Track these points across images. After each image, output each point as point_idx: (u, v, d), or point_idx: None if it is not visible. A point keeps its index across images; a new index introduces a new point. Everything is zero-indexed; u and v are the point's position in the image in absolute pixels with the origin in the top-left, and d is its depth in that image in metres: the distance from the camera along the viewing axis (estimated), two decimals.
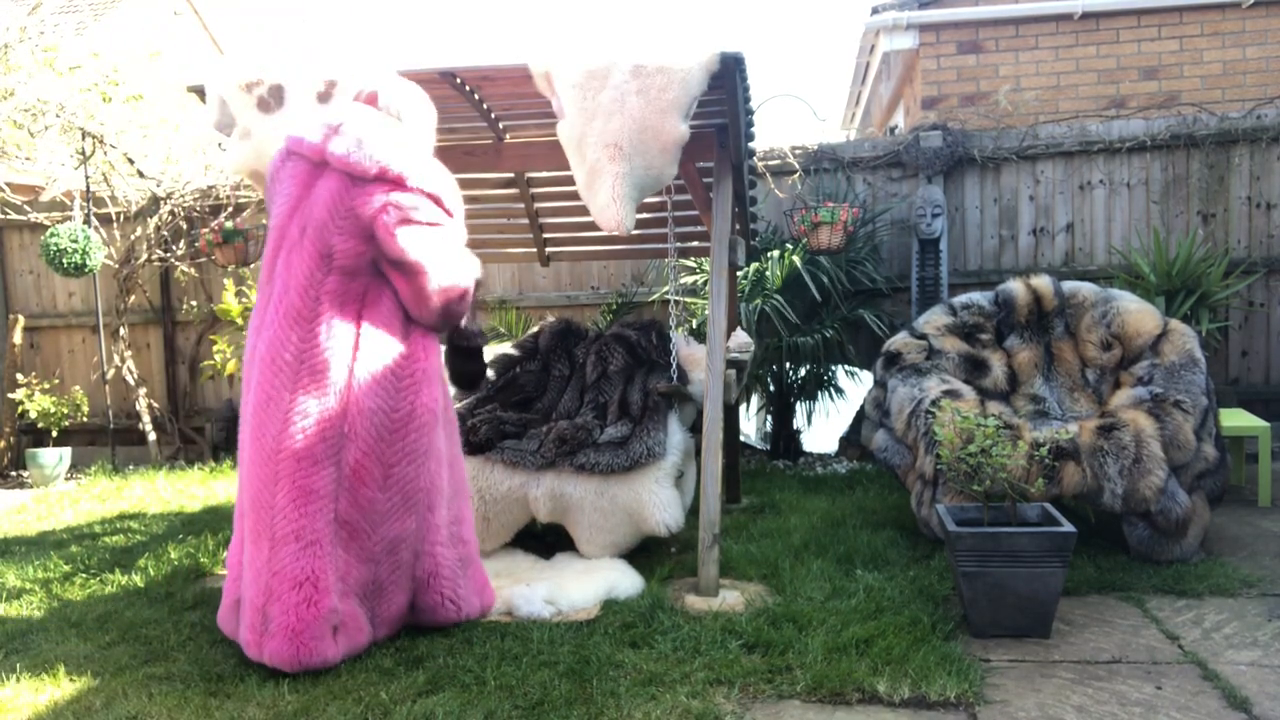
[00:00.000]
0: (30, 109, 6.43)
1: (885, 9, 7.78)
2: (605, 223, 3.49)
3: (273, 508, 2.81)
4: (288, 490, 2.80)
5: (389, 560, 2.99)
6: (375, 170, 2.91)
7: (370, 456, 2.89)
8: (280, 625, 2.78)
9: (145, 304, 7.33)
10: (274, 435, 2.82)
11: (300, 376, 2.84)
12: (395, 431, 2.94)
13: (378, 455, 2.91)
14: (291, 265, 2.94)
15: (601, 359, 4.55)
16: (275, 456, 2.82)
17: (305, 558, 2.79)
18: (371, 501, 2.92)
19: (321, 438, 2.83)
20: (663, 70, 3.41)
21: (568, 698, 2.62)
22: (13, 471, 7.23)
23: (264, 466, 2.83)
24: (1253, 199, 6.14)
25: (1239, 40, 7.43)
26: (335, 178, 2.95)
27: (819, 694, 2.63)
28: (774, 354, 5.95)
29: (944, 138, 6.22)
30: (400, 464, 2.96)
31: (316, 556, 2.80)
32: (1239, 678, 2.66)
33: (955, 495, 3.68)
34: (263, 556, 2.82)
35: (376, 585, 2.99)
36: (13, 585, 3.99)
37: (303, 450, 2.81)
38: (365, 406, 2.89)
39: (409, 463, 2.98)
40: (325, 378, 2.85)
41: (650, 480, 3.82)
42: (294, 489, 2.80)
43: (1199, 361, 3.94)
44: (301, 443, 2.81)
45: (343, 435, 2.86)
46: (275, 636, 2.79)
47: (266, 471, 2.82)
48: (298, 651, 2.78)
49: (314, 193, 2.98)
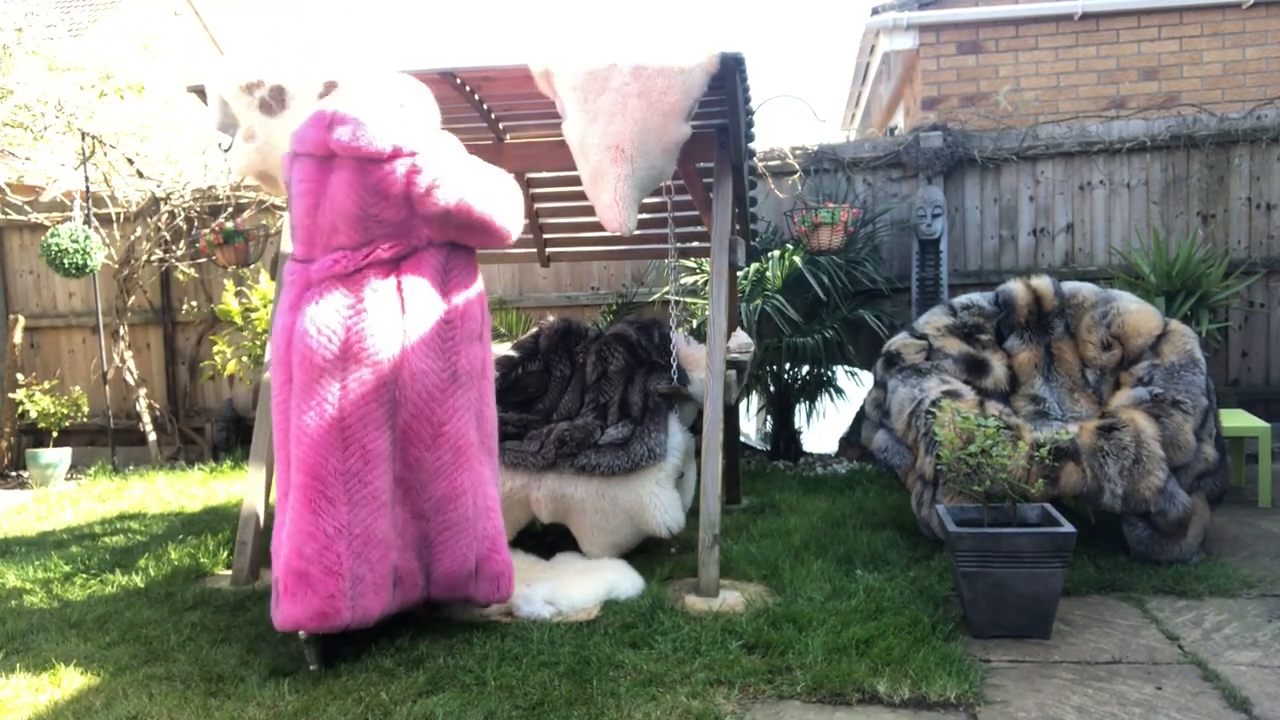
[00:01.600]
0: (28, 108, 6.42)
1: (885, 9, 7.78)
2: (609, 224, 3.52)
3: (345, 473, 2.83)
4: (359, 454, 2.85)
5: (438, 518, 3.05)
6: (389, 149, 2.92)
7: (419, 418, 2.96)
8: (369, 583, 2.85)
9: (145, 304, 7.33)
10: (336, 402, 2.83)
11: (351, 345, 2.86)
12: (444, 390, 3.00)
13: (426, 416, 2.97)
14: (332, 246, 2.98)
15: (602, 359, 4.55)
16: (341, 423, 2.83)
17: (381, 518, 2.88)
18: (420, 460, 2.99)
19: (380, 402, 2.88)
20: (663, 72, 3.41)
21: (568, 698, 2.62)
22: (13, 472, 7.23)
23: (327, 436, 2.83)
24: (1253, 200, 6.14)
25: (1239, 41, 7.43)
26: (348, 167, 2.94)
27: (819, 694, 2.63)
28: (774, 354, 5.95)
29: (944, 138, 6.22)
30: (450, 422, 3.01)
31: (386, 517, 2.90)
32: (1239, 678, 2.66)
33: (955, 496, 3.68)
34: (338, 521, 2.81)
35: (425, 541, 3.06)
36: (13, 585, 3.99)
37: (367, 415, 2.85)
38: (416, 368, 2.94)
39: (457, 420, 3.02)
40: (379, 344, 2.88)
41: (651, 481, 3.83)
42: (364, 452, 2.85)
43: (1199, 362, 3.94)
44: (364, 409, 2.85)
45: (394, 400, 2.92)
46: (365, 594, 2.84)
47: (333, 437, 2.83)
48: (380, 604, 2.87)
49: (330, 188, 2.97)
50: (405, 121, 3.03)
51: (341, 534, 2.80)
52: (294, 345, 2.91)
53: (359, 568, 2.83)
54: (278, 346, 3.01)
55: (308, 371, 2.85)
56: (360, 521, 2.84)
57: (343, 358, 2.85)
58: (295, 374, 2.88)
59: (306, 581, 2.79)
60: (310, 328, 2.86)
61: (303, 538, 2.80)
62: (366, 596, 2.85)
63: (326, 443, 2.82)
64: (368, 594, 2.85)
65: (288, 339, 2.95)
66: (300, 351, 2.87)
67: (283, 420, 2.97)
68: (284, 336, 2.98)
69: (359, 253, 2.95)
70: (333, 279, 2.94)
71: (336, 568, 2.79)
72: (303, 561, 2.80)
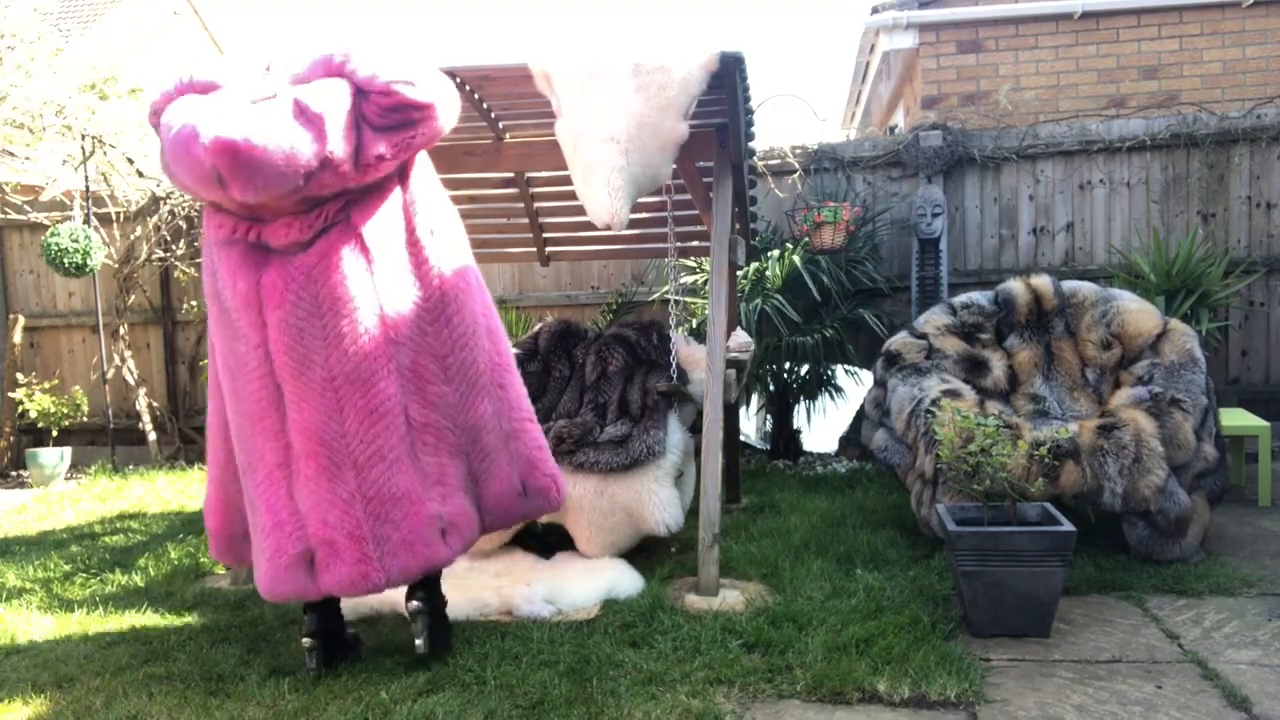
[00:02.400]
0: (28, 109, 6.42)
1: (885, 8, 7.78)
2: (599, 216, 3.44)
3: (344, 435, 2.72)
4: (355, 414, 2.73)
5: (476, 450, 2.96)
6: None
7: (421, 353, 2.84)
8: (397, 541, 2.75)
9: (145, 304, 7.33)
10: (322, 364, 2.72)
11: (322, 302, 2.72)
12: (435, 321, 2.87)
13: (430, 350, 2.85)
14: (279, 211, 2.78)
15: (601, 359, 4.55)
16: (331, 384, 2.71)
17: (395, 473, 2.76)
18: (441, 396, 2.87)
19: (368, 354, 2.74)
20: (663, 69, 3.41)
21: (568, 697, 2.62)
22: (13, 471, 7.23)
23: (321, 398, 2.72)
24: (1253, 198, 6.14)
25: (1239, 40, 7.43)
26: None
27: (819, 693, 2.63)
28: (774, 353, 5.95)
29: (944, 137, 6.22)
30: (453, 351, 2.89)
31: (403, 471, 2.78)
32: (1239, 677, 2.66)
33: (955, 495, 3.68)
34: (349, 486, 2.73)
35: (472, 477, 2.97)
36: (13, 585, 3.99)
37: (356, 371, 2.72)
38: (399, 307, 2.81)
39: (460, 347, 2.91)
40: (348, 294, 2.73)
41: (650, 479, 3.83)
42: (361, 411, 2.73)
43: (1199, 361, 3.94)
44: (353, 363, 2.72)
45: (389, 342, 2.77)
46: (395, 554, 2.74)
47: (327, 402, 2.72)
48: (416, 559, 2.77)
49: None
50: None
51: (356, 498, 2.72)
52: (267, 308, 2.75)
53: (381, 528, 2.74)
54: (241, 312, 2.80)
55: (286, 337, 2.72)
56: (372, 482, 2.74)
57: (317, 313, 2.72)
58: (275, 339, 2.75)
59: (334, 549, 2.71)
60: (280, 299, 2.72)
61: (324, 505, 2.72)
62: (398, 556, 2.75)
63: (322, 406, 2.72)
64: (398, 553, 2.75)
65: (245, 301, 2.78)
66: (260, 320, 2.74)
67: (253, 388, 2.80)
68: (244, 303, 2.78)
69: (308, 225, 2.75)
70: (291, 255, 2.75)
71: (358, 531, 2.70)
72: (328, 529, 2.71)
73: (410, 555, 2.76)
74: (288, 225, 2.73)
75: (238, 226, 2.76)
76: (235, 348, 2.81)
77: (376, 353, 2.75)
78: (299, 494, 2.76)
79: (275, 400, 2.76)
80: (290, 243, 2.73)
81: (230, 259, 2.79)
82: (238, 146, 2.51)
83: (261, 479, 2.81)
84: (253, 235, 2.76)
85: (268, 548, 2.78)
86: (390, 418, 2.76)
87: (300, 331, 2.71)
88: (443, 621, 3.01)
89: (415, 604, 2.86)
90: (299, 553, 2.74)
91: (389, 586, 2.75)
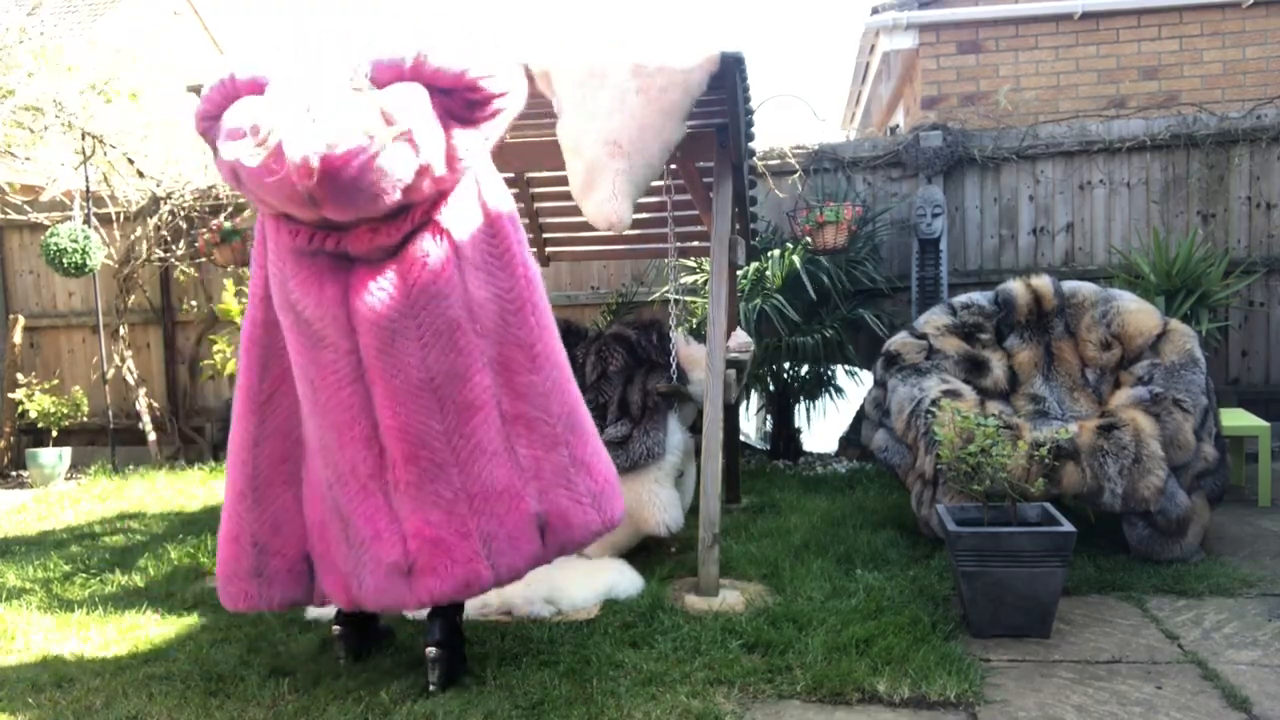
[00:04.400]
0: (30, 108, 6.43)
1: (885, 9, 7.78)
2: (603, 219, 3.46)
3: (446, 433, 2.61)
4: (455, 411, 2.62)
5: (575, 436, 2.83)
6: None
7: (506, 344, 2.73)
8: (503, 538, 2.64)
9: (145, 304, 7.33)
10: (418, 365, 2.59)
11: (415, 302, 2.60)
12: (521, 310, 2.75)
13: (515, 340, 2.74)
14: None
15: (601, 359, 4.55)
16: (430, 384, 2.60)
17: (496, 467, 2.66)
18: (530, 386, 2.74)
19: (462, 349, 2.63)
20: (663, 70, 3.41)
21: (568, 697, 2.62)
22: (13, 471, 7.23)
23: (419, 399, 2.60)
24: (1252, 199, 6.14)
25: (1239, 40, 7.43)
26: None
27: (819, 694, 2.63)
28: (774, 354, 5.95)
29: (944, 137, 6.22)
30: (540, 339, 2.79)
31: (502, 464, 2.67)
32: (1239, 677, 2.66)
33: (955, 495, 3.68)
34: (454, 484, 2.62)
35: (577, 463, 2.81)
36: (13, 585, 3.99)
37: (453, 367, 2.62)
38: (480, 298, 2.69)
39: (546, 334, 2.81)
40: (440, 292, 2.61)
41: (650, 480, 3.83)
42: (459, 406, 2.62)
43: (1199, 361, 3.94)
44: (450, 360, 2.62)
45: (479, 335, 2.67)
46: (502, 551, 2.63)
47: (425, 403, 2.61)
48: (522, 557, 2.66)
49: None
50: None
51: (460, 495, 2.61)
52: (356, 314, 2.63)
53: (487, 524, 2.62)
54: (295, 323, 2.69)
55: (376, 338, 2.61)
56: (475, 476, 2.64)
57: (409, 313, 2.59)
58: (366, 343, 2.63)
59: (444, 549, 2.59)
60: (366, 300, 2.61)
61: (427, 507, 2.60)
62: (505, 554, 2.64)
63: (420, 407, 2.61)
64: (505, 550, 2.64)
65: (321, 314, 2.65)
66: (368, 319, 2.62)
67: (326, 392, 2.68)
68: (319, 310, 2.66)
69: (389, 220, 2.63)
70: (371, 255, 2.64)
71: (464, 529, 2.61)
72: (433, 529, 2.60)
73: (516, 553, 2.66)
74: (373, 231, 2.59)
75: (314, 235, 2.62)
76: (320, 356, 2.65)
77: (469, 347, 2.65)
78: (398, 502, 2.64)
79: (366, 407, 2.64)
80: (375, 248, 2.61)
81: (308, 268, 2.64)
82: (336, 166, 2.37)
83: (355, 491, 2.69)
84: (331, 244, 2.62)
85: (369, 560, 2.66)
86: (487, 410, 2.66)
87: (393, 334, 2.58)
88: (460, 660, 2.87)
89: (435, 651, 2.74)
90: (394, 561, 2.63)
91: (497, 586, 2.65)
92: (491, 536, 2.62)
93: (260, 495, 2.78)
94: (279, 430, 2.80)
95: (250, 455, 2.78)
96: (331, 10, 19.26)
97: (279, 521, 2.80)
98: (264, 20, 14.75)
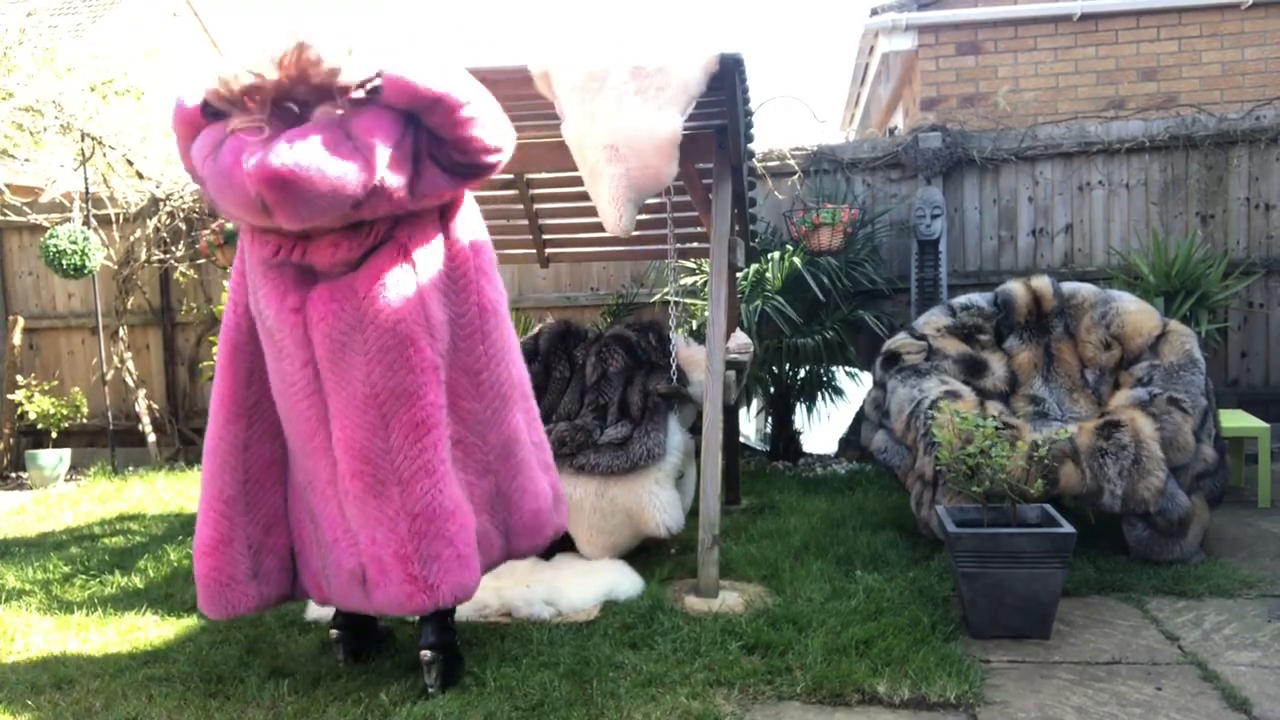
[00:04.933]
0: (29, 109, 6.42)
1: (884, 10, 7.78)
2: (606, 224, 3.51)
3: (389, 451, 2.63)
4: (400, 429, 2.63)
5: (505, 467, 2.87)
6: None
7: (454, 369, 2.76)
8: (449, 557, 2.63)
9: (144, 305, 7.33)
10: (363, 379, 2.62)
11: (365, 316, 2.63)
12: (471, 337, 2.79)
13: (463, 366, 2.78)
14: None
15: (602, 360, 4.55)
16: (374, 400, 2.62)
17: (444, 486, 2.66)
18: (471, 413, 2.79)
19: (415, 367, 2.64)
20: (662, 71, 3.41)
21: (568, 699, 2.62)
22: (12, 473, 7.22)
23: (364, 413, 2.63)
24: (1251, 200, 6.14)
25: (1238, 41, 7.44)
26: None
27: (819, 695, 2.63)
28: (774, 355, 5.95)
29: (943, 139, 6.23)
30: (487, 367, 2.82)
31: (451, 484, 2.69)
32: (1239, 679, 2.66)
33: (955, 496, 3.69)
34: (394, 504, 2.63)
35: (500, 495, 2.87)
36: (12, 586, 3.99)
37: (402, 385, 2.63)
38: (441, 319, 2.71)
39: (495, 362, 2.84)
40: (393, 309, 2.63)
41: (650, 482, 3.83)
42: (406, 425, 2.63)
43: (1198, 362, 3.94)
44: (399, 377, 2.63)
45: (435, 354, 2.69)
46: (449, 569, 2.63)
47: (370, 418, 2.63)
48: (472, 573, 2.68)
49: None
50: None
51: (400, 515, 2.64)
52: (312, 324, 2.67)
53: (431, 545, 2.62)
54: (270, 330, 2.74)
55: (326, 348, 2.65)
56: (418, 498, 2.64)
57: (360, 326, 2.63)
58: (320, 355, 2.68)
59: (383, 568, 2.63)
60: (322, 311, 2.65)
61: (371, 523, 2.63)
62: (452, 571, 2.65)
63: (364, 422, 2.63)
64: (452, 569, 2.65)
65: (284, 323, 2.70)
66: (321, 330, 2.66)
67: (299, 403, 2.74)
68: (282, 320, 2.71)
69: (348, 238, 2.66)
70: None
71: (402, 550, 2.62)
72: (375, 547, 2.63)
73: (464, 569, 2.66)
74: (334, 245, 2.64)
75: (282, 246, 2.67)
76: (281, 367, 2.72)
77: (423, 364, 2.66)
78: (348, 511, 2.70)
79: (324, 417, 2.70)
80: (337, 262, 2.65)
81: (274, 279, 2.70)
82: (283, 176, 2.43)
83: (319, 495, 2.76)
84: (297, 255, 2.67)
85: (332, 563, 2.74)
86: (437, 431, 2.67)
87: (342, 347, 2.63)
88: (456, 660, 2.86)
89: (429, 654, 2.73)
90: (351, 569, 2.69)
91: (441, 605, 2.65)
92: (434, 557, 2.63)
93: (252, 498, 2.81)
94: (268, 433, 2.84)
95: (239, 459, 2.81)
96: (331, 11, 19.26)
97: (270, 521, 2.84)
98: (263, 21, 14.74)
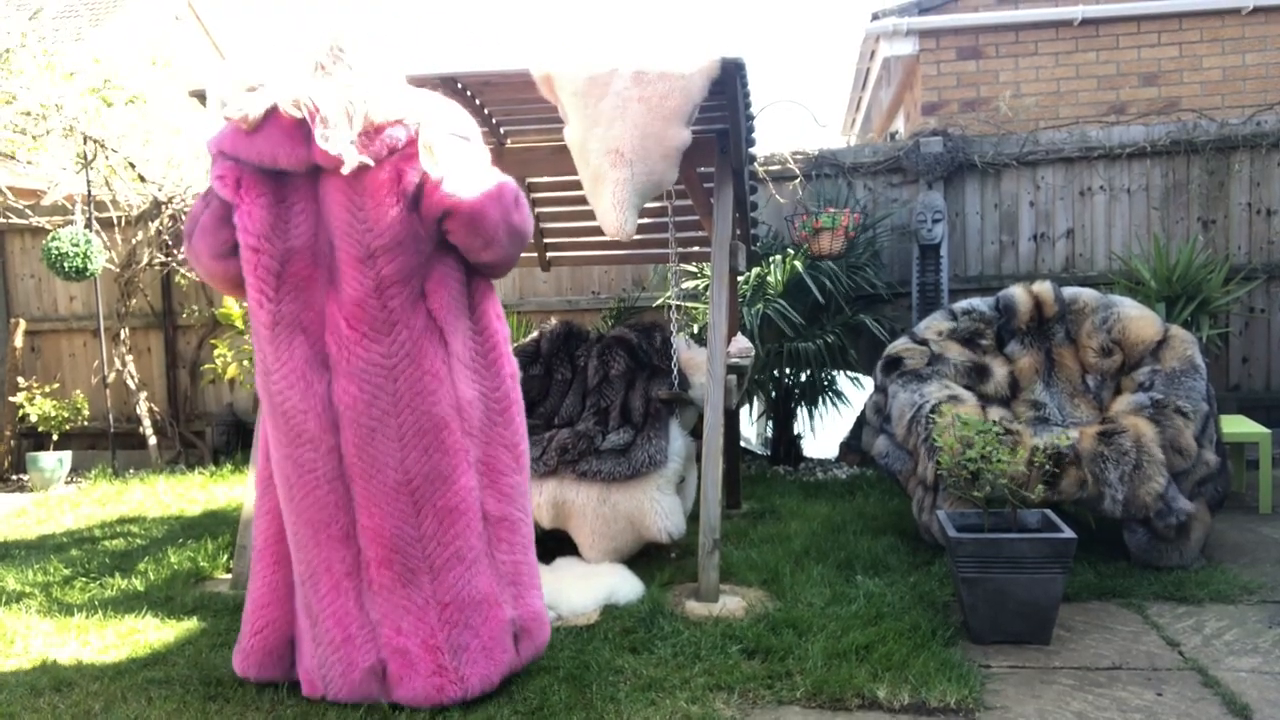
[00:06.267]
0: (31, 113, 6.44)
1: (885, 15, 7.80)
2: (608, 228, 3.51)
3: (420, 539, 2.57)
4: (433, 515, 2.58)
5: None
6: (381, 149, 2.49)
7: (493, 445, 2.69)
8: (476, 649, 2.60)
9: (146, 308, 7.34)
10: (396, 466, 2.56)
11: (400, 399, 2.55)
12: (505, 411, 2.72)
13: (499, 440, 2.71)
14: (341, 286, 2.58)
15: (603, 363, 4.55)
16: (407, 486, 2.56)
17: (474, 575, 2.62)
18: (514, 486, 2.73)
19: (447, 450, 2.59)
20: (664, 77, 3.41)
21: (567, 703, 2.62)
22: (13, 475, 7.23)
23: (395, 501, 2.56)
24: (1253, 205, 6.14)
25: (1239, 46, 7.45)
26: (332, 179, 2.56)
27: (819, 700, 2.63)
28: (775, 359, 5.95)
29: (944, 143, 6.23)
30: (523, 439, 2.77)
31: (482, 572, 2.63)
32: (1239, 684, 2.66)
33: (956, 501, 3.68)
34: (424, 592, 2.58)
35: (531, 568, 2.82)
36: (12, 589, 3.98)
37: (435, 469, 2.58)
38: (469, 397, 2.64)
39: (525, 432, 2.79)
40: (427, 390, 2.57)
41: (652, 488, 3.83)
42: (439, 511, 2.58)
43: (1200, 368, 3.94)
44: (432, 462, 2.58)
45: (465, 435, 2.63)
46: (474, 661, 2.59)
47: (401, 505, 2.56)
48: (497, 666, 2.64)
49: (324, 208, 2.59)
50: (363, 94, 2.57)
51: (430, 604, 2.57)
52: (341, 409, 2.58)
53: (460, 636, 2.58)
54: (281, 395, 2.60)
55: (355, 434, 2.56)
56: (449, 586, 2.58)
57: (395, 410, 2.55)
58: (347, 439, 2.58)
59: (410, 661, 2.57)
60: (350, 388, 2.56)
61: (398, 613, 2.58)
62: (478, 663, 2.61)
63: (395, 510, 2.56)
64: (478, 660, 2.61)
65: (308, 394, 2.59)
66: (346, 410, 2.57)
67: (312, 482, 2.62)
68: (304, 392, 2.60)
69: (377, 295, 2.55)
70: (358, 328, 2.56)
71: (432, 640, 2.56)
72: (401, 638, 2.58)
73: (490, 662, 2.62)
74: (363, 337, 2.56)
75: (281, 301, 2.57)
76: (298, 453, 2.60)
77: (455, 447, 2.60)
78: (370, 603, 2.61)
79: (344, 504, 2.60)
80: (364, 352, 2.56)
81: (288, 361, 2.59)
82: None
83: (327, 590, 2.64)
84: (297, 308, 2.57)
85: (338, 662, 2.64)
86: (470, 516, 2.61)
87: (372, 431, 2.55)
88: None
89: None
90: (370, 665, 2.61)
91: (467, 698, 2.60)
92: (463, 648, 2.59)
93: (254, 570, 2.81)
94: (273, 509, 2.77)
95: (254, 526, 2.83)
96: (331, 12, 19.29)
97: (263, 601, 2.77)
98: (265, 24, 14.76)
